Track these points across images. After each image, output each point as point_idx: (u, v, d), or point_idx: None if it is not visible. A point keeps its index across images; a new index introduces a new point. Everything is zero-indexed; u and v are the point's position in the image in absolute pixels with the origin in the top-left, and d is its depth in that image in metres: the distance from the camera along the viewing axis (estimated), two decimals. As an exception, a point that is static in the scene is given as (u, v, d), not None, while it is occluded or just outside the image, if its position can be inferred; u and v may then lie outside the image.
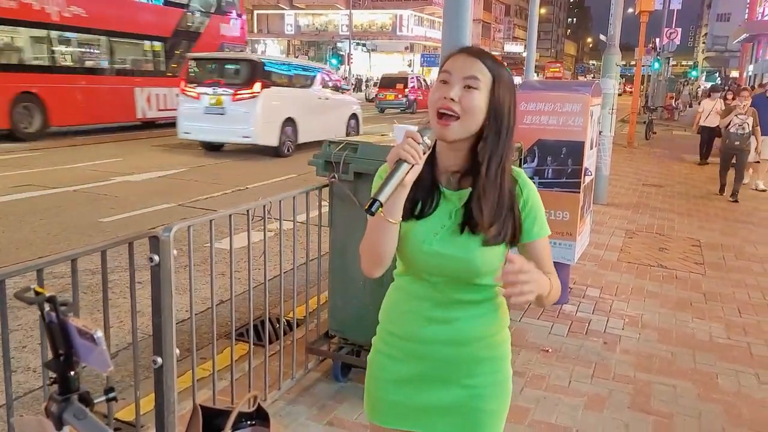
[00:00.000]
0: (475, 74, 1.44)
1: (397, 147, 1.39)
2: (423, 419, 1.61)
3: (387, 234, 1.45)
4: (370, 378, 1.69)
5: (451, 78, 1.45)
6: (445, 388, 1.58)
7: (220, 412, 1.39)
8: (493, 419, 1.62)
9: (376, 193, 1.35)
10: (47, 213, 7.36)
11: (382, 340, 1.66)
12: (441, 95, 1.44)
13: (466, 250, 1.49)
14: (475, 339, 1.57)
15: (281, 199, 3.12)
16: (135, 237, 2.38)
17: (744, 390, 3.60)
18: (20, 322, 4.19)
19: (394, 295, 1.66)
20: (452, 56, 1.49)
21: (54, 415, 1.05)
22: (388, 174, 1.37)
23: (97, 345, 1.01)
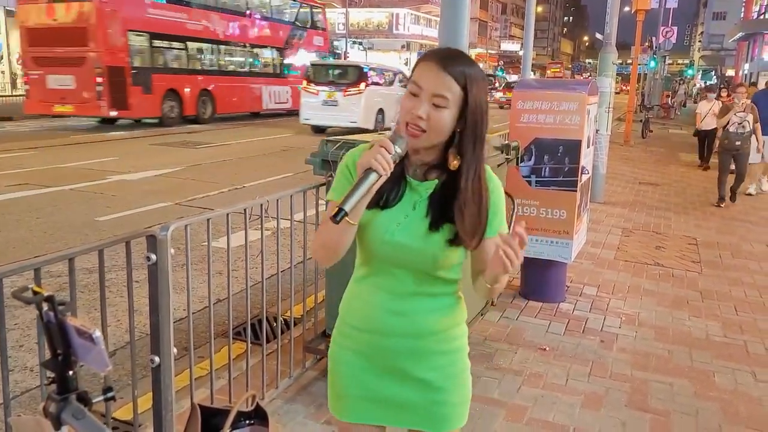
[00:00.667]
0: (442, 93, 1.44)
1: (369, 155, 1.40)
2: (387, 413, 1.63)
3: (345, 234, 1.47)
4: (332, 372, 1.69)
5: (420, 93, 1.45)
6: (407, 381, 1.60)
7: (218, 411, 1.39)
8: (457, 410, 1.65)
9: (343, 202, 1.36)
10: (43, 212, 7.34)
11: (343, 333, 1.66)
12: (410, 109, 1.45)
13: (426, 241, 1.51)
14: (432, 332, 1.59)
15: (278, 197, 3.12)
16: (132, 236, 2.37)
17: (741, 388, 3.61)
18: (17, 321, 4.18)
19: (354, 287, 1.66)
20: (423, 63, 1.48)
21: (52, 414, 1.05)
22: (356, 182, 1.39)
23: (95, 344, 1.00)
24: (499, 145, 3.86)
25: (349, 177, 1.54)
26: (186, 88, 18.28)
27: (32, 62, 16.47)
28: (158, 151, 12.89)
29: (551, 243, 4.61)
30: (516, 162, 4.15)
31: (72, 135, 15.29)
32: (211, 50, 19.62)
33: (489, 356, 3.86)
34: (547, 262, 4.70)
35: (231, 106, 20.31)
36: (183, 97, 18.21)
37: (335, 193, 1.54)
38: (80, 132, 16.07)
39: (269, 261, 3.81)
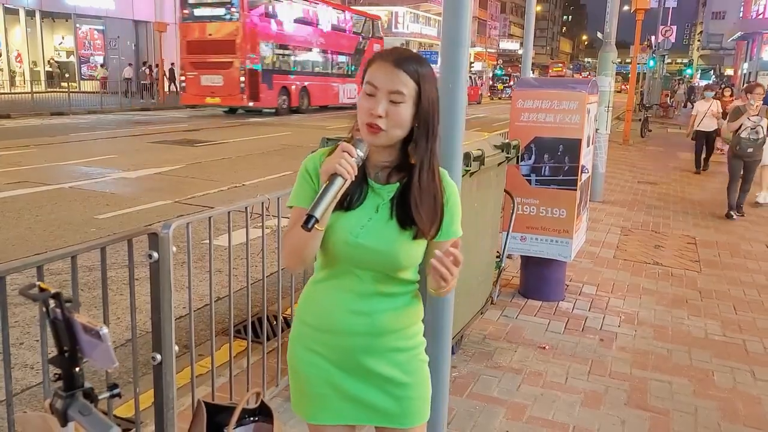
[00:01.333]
0: (398, 89, 1.47)
1: (332, 160, 1.43)
2: (354, 412, 1.64)
3: (314, 239, 1.49)
4: (294, 374, 1.69)
5: (376, 92, 1.48)
6: (370, 378, 1.61)
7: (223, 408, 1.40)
8: (420, 404, 1.68)
9: (312, 209, 1.39)
10: (42, 210, 7.34)
11: (302, 334, 1.66)
12: (368, 109, 1.48)
13: (390, 243, 1.53)
14: (391, 330, 1.61)
15: (279, 196, 3.12)
16: (134, 234, 2.38)
17: (739, 386, 3.62)
18: (17, 319, 4.18)
19: (313, 289, 1.67)
20: (375, 64, 1.51)
21: (59, 411, 1.05)
22: (323, 189, 1.42)
23: (102, 341, 1.01)
24: (499, 143, 3.86)
25: (310, 181, 1.56)
26: (293, 86, 24.26)
27: (189, 65, 22.32)
28: (158, 149, 12.88)
29: (551, 242, 4.62)
30: (516, 161, 4.15)
31: (72, 133, 15.28)
32: (308, 56, 25.88)
33: (489, 355, 3.87)
34: (546, 261, 4.71)
35: (320, 100, 26.21)
36: (290, 92, 24.05)
37: (297, 198, 1.56)
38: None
39: (270, 259, 3.82)
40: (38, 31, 29.95)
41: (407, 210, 1.52)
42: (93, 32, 32.58)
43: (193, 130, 16.87)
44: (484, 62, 63.58)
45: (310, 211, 1.38)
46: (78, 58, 31.87)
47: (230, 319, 2.93)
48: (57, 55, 32.55)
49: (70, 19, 30.53)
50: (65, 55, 33.02)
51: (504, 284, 5.06)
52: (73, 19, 30.52)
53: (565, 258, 4.68)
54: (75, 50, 31.81)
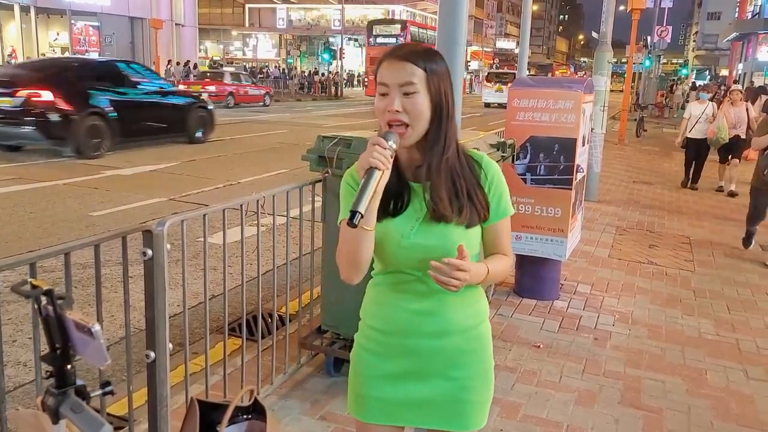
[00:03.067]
0: (409, 80, 1.47)
1: (365, 155, 1.42)
2: (408, 414, 1.63)
3: (364, 242, 1.47)
4: (353, 374, 1.69)
5: (389, 90, 1.48)
6: (430, 381, 1.60)
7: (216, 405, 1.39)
8: (479, 409, 1.66)
9: (354, 204, 1.37)
10: (36, 207, 7.31)
11: (365, 336, 1.67)
12: (385, 108, 1.48)
13: (444, 237, 1.52)
14: (459, 330, 1.60)
15: (274, 194, 3.12)
16: (128, 231, 2.37)
17: (732, 385, 3.63)
18: (10, 316, 4.16)
19: (373, 291, 1.67)
20: (382, 64, 1.51)
21: (50, 408, 1.05)
22: (361, 184, 1.40)
23: (94, 339, 1.00)
24: (495, 142, 3.87)
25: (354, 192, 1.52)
26: None
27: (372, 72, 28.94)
28: (153, 147, 12.84)
29: (546, 241, 4.63)
30: (511, 160, 4.16)
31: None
32: None
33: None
34: (541, 260, 4.71)
35: None
36: None
37: (344, 212, 1.54)
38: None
39: (264, 257, 3.81)
40: (33, 27, 29.86)
41: (435, 205, 1.52)
42: (88, 28, 32.51)
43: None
44: (481, 61, 63.64)
45: (353, 207, 1.37)
46: (73, 54, 31.78)
47: (225, 317, 2.92)
48: (52, 51, 32.45)
49: (65, 15, 30.43)
50: (60, 51, 32.92)
51: (499, 283, 5.07)
52: (68, 15, 30.42)
53: (560, 257, 4.68)
54: (70, 47, 31.70)
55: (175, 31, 34.70)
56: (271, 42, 58.36)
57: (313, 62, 53.09)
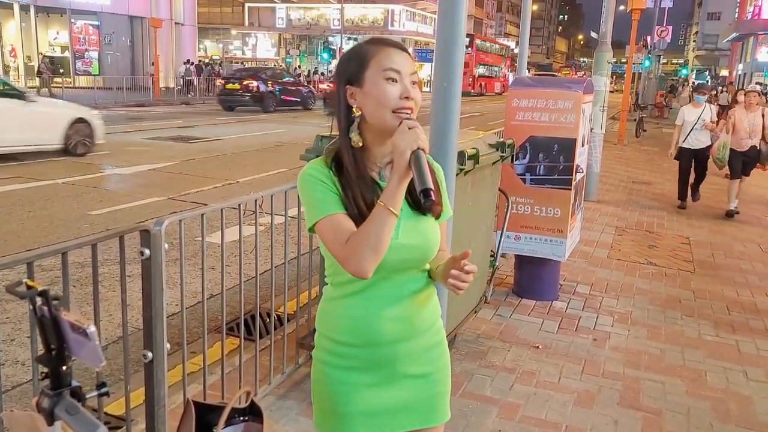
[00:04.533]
0: (415, 70, 1.51)
1: (408, 137, 1.39)
2: (389, 421, 1.61)
3: (391, 227, 1.42)
4: (325, 395, 1.62)
5: (400, 77, 1.47)
6: (403, 383, 1.59)
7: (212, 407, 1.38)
8: (445, 399, 1.68)
9: (423, 183, 1.36)
10: (35, 205, 7.30)
11: (330, 351, 1.59)
12: (401, 94, 1.46)
13: (425, 235, 1.54)
14: (426, 328, 1.61)
15: (273, 193, 3.11)
16: (126, 230, 2.36)
17: (732, 387, 3.63)
18: (8, 315, 4.16)
19: (339, 304, 1.58)
20: (383, 50, 1.49)
21: (45, 410, 1.04)
22: (415, 165, 1.38)
23: (89, 340, 0.99)
24: (494, 142, 3.86)
25: (329, 187, 1.48)
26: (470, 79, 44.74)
27: None
28: (152, 146, 12.83)
29: (545, 241, 4.62)
30: (511, 160, 4.15)
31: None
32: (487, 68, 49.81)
33: (482, 354, 3.86)
34: (540, 261, 4.71)
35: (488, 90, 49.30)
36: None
37: (329, 206, 1.46)
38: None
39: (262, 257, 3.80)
40: (33, 26, 29.81)
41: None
42: (88, 27, 32.42)
43: (188, 127, 16.82)
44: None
45: (423, 185, 1.35)
46: (73, 53, 31.73)
47: (223, 317, 2.91)
48: (51, 50, 32.40)
49: (65, 14, 30.38)
50: (60, 50, 32.88)
51: (498, 283, 5.06)
52: (67, 14, 30.38)
53: (559, 257, 4.68)
54: (70, 45, 31.66)
55: (174, 30, 34.64)
56: (271, 41, 58.31)
57: (312, 61, 53.05)
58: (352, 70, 1.50)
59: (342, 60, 1.57)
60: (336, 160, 1.52)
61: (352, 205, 1.46)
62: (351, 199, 1.47)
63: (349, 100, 1.51)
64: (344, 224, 1.45)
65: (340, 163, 1.51)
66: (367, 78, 1.48)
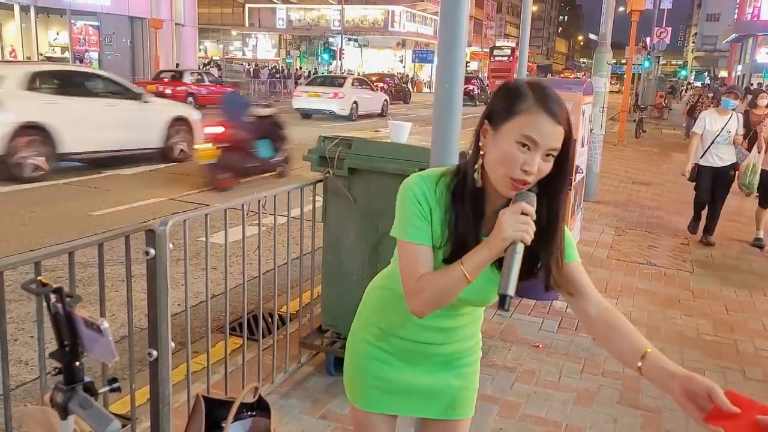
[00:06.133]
0: (557, 146, 1.34)
1: (514, 225, 1.29)
2: (410, 404, 1.67)
3: (461, 288, 1.39)
4: (356, 365, 1.69)
5: (536, 148, 1.32)
6: (433, 371, 1.65)
7: (221, 402, 1.41)
8: (472, 396, 1.73)
9: (504, 288, 1.28)
10: (37, 206, 7.32)
11: (373, 334, 1.67)
12: (522, 164, 1.32)
13: (485, 296, 1.52)
14: (466, 339, 1.68)
15: (276, 193, 3.14)
16: (131, 230, 2.38)
17: (730, 386, 3.63)
18: (11, 315, 4.17)
19: (392, 300, 1.60)
20: (534, 114, 1.33)
21: (59, 404, 1.06)
22: (507, 261, 1.30)
23: (102, 336, 1.02)
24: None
25: (423, 211, 1.43)
26: None
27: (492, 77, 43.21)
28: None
29: (545, 241, 4.63)
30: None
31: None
32: None
33: (483, 353, 3.84)
34: (540, 261, 4.72)
35: None
36: None
37: (413, 234, 1.42)
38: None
39: (266, 256, 3.83)
40: (33, 27, 29.84)
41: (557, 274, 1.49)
42: (88, 28, 32.46)
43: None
44: (480, 62, 63.65)
45: (504, 291, 1.27)
46: (73, 54, 31.75)
47: (226, 316, 2.94)
48: (52, 51, 32.43)
49: (65, 14, 30.40)
50: (60, 51, 32.91)
51: (498, 283, 5.08)
52: (68, 15, 30.40)
53: (559, 257, 4.69)
54: (70, 46, 31.68)
55: (174, 30, 34.67)
56: (271, 42, 58.34)
57: (312, 62, 53.08)
58: (497, 109, 1.38)
59: (501, 89, 1.42)
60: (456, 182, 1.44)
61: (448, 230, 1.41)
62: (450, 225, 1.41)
63: (480, 135, 1.41)
64: (423, 259, 1.42)
65: (458, 184, 1.43)
66: (504, 127, 1.35)
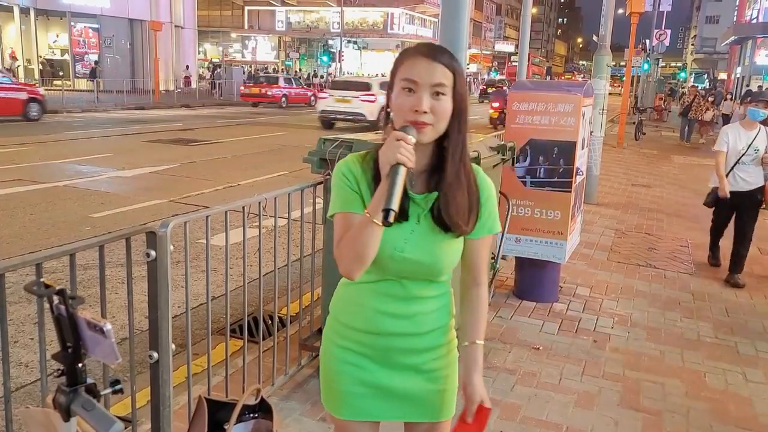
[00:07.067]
0: (441, 81, 1.44)
1: (390, 151, 1.39)
2: (388, 408, 1.65)
3: (376, 237, 1.44)
4: (327, 370, 1.68)
5: (417, 87, 1.44)
6: (407, 375, 1.62)
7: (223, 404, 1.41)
8: (451, 397, 1.71)
9: (387, 202, 1.35)
10: (37, 208, 7.32)
11: (338, 332, 1.66)
12: (411, 107, 1.43)
13: (435, 254, 1.53)
14: (432, 329, 1.64)
15: (276, 195, 3.14)
16: (132, 232, 2.38)
17: (731, 388, 3.65)
18: (12, 318, 4.17)
19: (351, 291, 1.64)
20: (409, 59, 1.47)
21: (62, 406, 1.06)
22: (390, 181, 1.37)
23: (106, 337, 1.02)
24: (495, 145, 3.89)
25: (351, 185, 1.53)
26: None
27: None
28: (152, 148, 12.86)
29: (545, 243, 4.64)
30: (511, 162, 4.18)
31: (66, 131, 15.23)
32: None
33: (483, 355, 3.87)
34: (541, 263, 4.73)
35: None
36: None
37: (343, 204, 1.52)
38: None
39: (266, 258, 3.82)
40: (32, 29, 29.87)
41: (449, 214, 1.50)
42: (88, 30, 32.47)
43: (188, 130, 16.85)
44: (480, 64, 63.72)
45: (386, 205, 1.34)
46: (72, 56, 31.77)
47: (227, 318, 2.93)
48: (51, 53, 32.44)
49: (65, 17, 30.44)
50: (59, 53, 32.92)
51: (498, 285, 5.09)
52: (67, 17, 30.44)
53: (560, 260, 4.70)
54: (69, 48, 31.71)
55: (174, 33, 34.72)
56: (270, 44, 58.35)
57: (312, 64, 53.10)
58: (391, 74, 1.51)
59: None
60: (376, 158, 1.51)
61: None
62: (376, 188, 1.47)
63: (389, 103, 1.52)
64: (351, 224, 1.47)
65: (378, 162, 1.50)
66: (394, 84, 1.48)
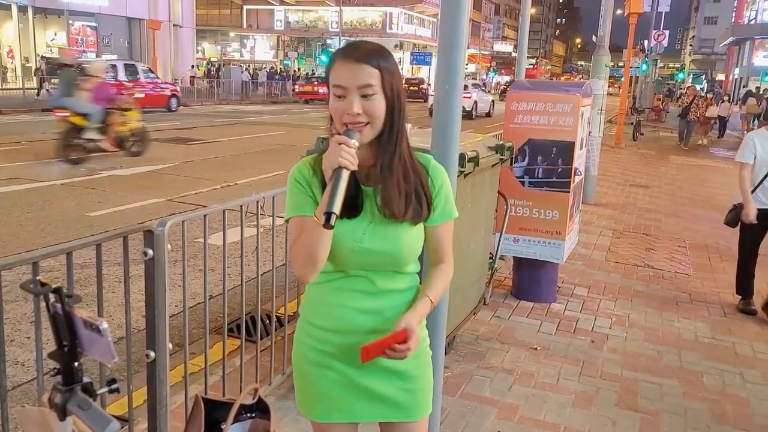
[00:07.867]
0: (367, 82, 1.46)
1: (333, 155, 1.42)
2: (363, 409, 1.65)
3: (325, 240, 1.47)
4: (300, 373, 1.68)
5: (346, 92, 1.46)
6: (381, 374, 1.62)
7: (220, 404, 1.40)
8: (427, 395, 1.71)
9: (329, 206, 1.38)
10: (33, 207, 7.30)
11: (308, 334, 1.66)
12: (343, 111, 1.46)
13: (394, 242, 1.55)
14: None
15: (274, 194, 3.13)
16: (130, 231, 2.38)
17: (729, 388, 3.65)
18: (8, 316, 4.15)
19: (318, 291, 1.65)
20: (336, 64, 1.49)
21: (58, 405, 1.06)
22: (332, 185, 1.40)
23: (102, 336, 1.01)
24: (494, 145, 3.88)
25: (303, 190, 1.56)
26: None
27: None
28: (150, 147, 12.83)
29: (543, 243, 4.64)
30: (510, 162, 4.17)
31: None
32: None
33: (481, 355, 3.88)
34: (539, 263, 4.73)
35: None
36: None
37: (296, 208, 1.55)
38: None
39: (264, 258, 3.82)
40: (30, 27, 29.80)
41: (382, 204, 1.53)
42: (86, 29, 32.42)
43: (186, 129, 16.83)
44: (478, 64, 63.75)
45: (328, 208, 1.37)
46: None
47: (224, 318, 2.93)
48: (49, 51, 32.37)
49: (63, 15, 30.36)
50: (57, 52, 32.83)
51: (496, 285, 5.08)
52: (65, 16, 30.37)
53: (557, 260, 4.70)
54: (67, 47, 31.63)
55: (172, 32, 34.67)
56: (269, 43, 58.33)
57: (310, 64, 53.08)
58: (325, 80, 1.54)
59: None
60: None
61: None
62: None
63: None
64: (305, 227, 1.50)
65: None
66: (329, 90, 1.50)
